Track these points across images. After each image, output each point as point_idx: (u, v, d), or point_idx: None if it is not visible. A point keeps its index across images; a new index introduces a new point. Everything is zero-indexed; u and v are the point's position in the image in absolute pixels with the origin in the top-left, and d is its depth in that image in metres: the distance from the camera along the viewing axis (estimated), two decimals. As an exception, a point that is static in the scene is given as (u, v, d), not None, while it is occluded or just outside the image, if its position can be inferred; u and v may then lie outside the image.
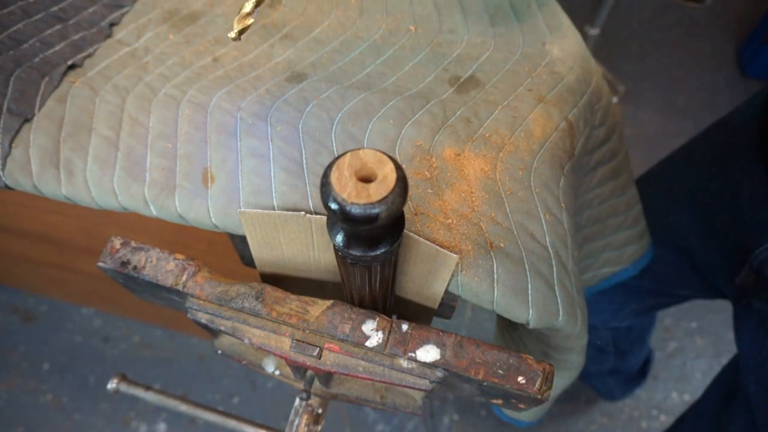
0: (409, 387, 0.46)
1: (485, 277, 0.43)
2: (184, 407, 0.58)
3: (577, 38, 0.60)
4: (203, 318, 0.48)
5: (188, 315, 0.49)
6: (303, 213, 0.46)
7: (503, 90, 0.54)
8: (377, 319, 0.44)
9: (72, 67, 0.55)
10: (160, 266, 0.49)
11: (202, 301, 0.48)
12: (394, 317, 0.47)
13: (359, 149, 0.30)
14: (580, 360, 0.71)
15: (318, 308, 0.45)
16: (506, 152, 0.49)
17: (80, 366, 1.33)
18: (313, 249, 0.47)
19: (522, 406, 0.48)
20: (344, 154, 0.33)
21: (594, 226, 0.67)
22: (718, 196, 0.70)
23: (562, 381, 0.75)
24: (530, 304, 0.44)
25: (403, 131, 0.50)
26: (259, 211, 0.46)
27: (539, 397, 0.43)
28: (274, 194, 0.47)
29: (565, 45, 0.58)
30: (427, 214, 0.45)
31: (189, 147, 0.50)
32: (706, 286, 0.83)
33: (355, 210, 0.31)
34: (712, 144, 0.75)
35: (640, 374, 1.23)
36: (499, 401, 0.48)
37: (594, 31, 1.51)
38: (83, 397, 1.30)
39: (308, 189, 0.47)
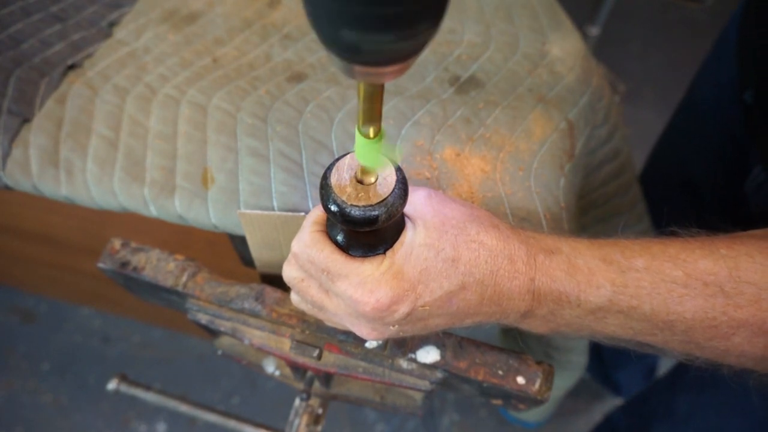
0: (409, 388, 0.46)
1: (485, 278, 0.43)
2: (184, 407, 0.58)
3: (577, 38, 0.59)
4: (203, 319, 0.48)
5: (188, 316, 0.49)
6: (303, 214, 0.45)
7: (503, 90, 0.54)
8: (377, 319, 0.44)
9: (72, 67, 0.55)
10: (160, 267, 0.49)
11: (202, 302, 0.48)
12: (394, 318, 0.47)
13: (359, 150, 0.30)
14: (582, 360, 0.71)
15: (318, 309, 0.45)
16: (506, 152, 0.49)
17: (80, 366, 1.33)
18: (313, 249, 0.47)
19: (522, 406, 0.48)
20: (344, 155, 0.33)
21: (598, 226, 0.67)
22: (718, 129, 0.70)
23: (564, 381, 0.74)
24: (530, 304, 0.44)
25: (403, 131, 0.50)
26: (259, 212, 0.46)
27: (539, 397, 0.43)
28: (273, 194, 0.47)
29: (565, 45, 0.58)
30: (427, 215, 0.45)
31: (189, 147, 0.50)
32: None
33: (355, 212, 0.30)
34: (708, 84, 0.75)
35: (652, 370, 1.24)
36: (499, 401, 0.48)
37: (594, 31, 1.51)
38: (83, 397, 1.29)
39: (308, 189, 0.47)
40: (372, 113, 0.26)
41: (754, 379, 0.36)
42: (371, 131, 0.27)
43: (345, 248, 0.34)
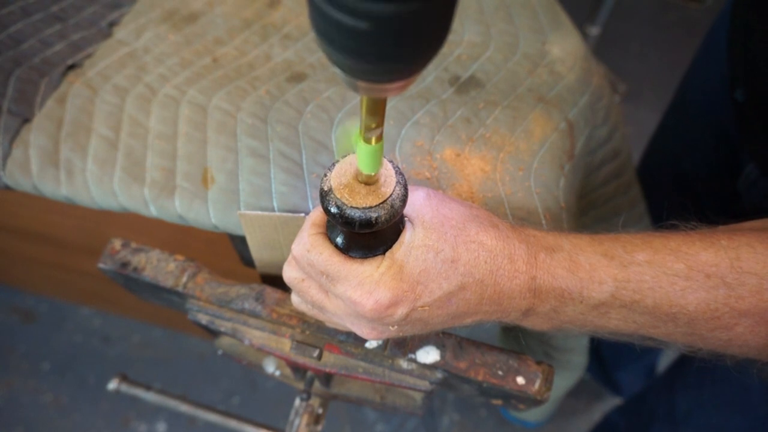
0: (409, 388, 0.46)
1: (485, 278, 0.43)
2: (184, 407, 0.58)
3: (578, 38, 0.59)
4: (203, 319, 0.48)
5: (188, 316, 0.49)
6: (303, 214, 0.45)
7: (503, 90, 0.54)
8: (377, 320, 0.44)
9: (72, 67, 0.55)
10: (161, 267, 0.49)
11: (202, 303, 0.48)
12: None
13: (359, 150, 0.30)
14: (582, 360, 0.71)
15: (318, 309, 0.45)
16: (506, 152, 0.49)
17: (80, 366, 1.33)
18: (313, 250, 0.47)
19: (522, 406, 0.48)
20: (344, 156, 0.33)
21: (598, 226, 0.67)
22: (709, 128, 0.70)
23: (565, 381, 0.74)
24: (530, 304, 0.44)
25: (403, 131, 0.50)
26: (259, 213, 0.46)
27: (539, 398, 0.43)
28: (273, 195, 0.47)
29: (565, 45, 0.58)
30: (428, 215, 0.45)
31: (189, 147, 0.50)
32: None
33: (355, 214, 0.30)
34: (700, 83, 0.75)
35: (652, 370, 1.24)
36: (499, 401, 0.48)
37: (595, 31, 1.51)
38: (83, 397, 1.29)
39: (308, 190, 0.47)
40: (374, 123, 0.27)
41: (758, 368, 0.36)
42: (373, 139, 0.28)
43: (345, 250, 0.34)
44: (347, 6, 0.18)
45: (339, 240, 0.34)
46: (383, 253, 0.34)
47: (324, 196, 0.31)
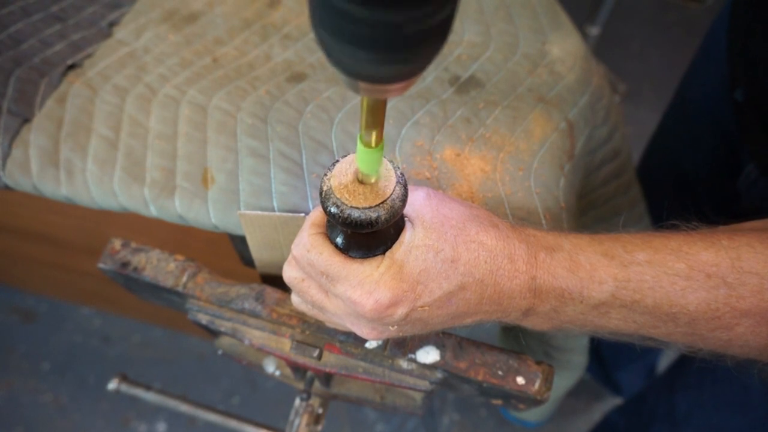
0: (409, 388, 0.46)
1: (485, 278, 0.43)
2: (184, 407, 0.58)
3: (577, 38, 0.59)
4: (203, 319, 0.48)
5: (188, 316, 0.49)
6: (303, 214, 0.45)
7: (503, 90, 0.54)
8: (377, 319, 0.44)
9: (72, 67, 0.55)
10: (161, 267, 0.49)
11: (202, 303, 0.48)
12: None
13: (359, 150, 0.30)
14: (582, 360, 0.71)
15: (318, 309, 0.45)
16: (506, 152, 0.49)
17: (80, 366, 1.33)
18: (313, 250, 0.47)
19: (522, 406, 0.48)
20: (344, 156, 0.33)
21: (598, 226, 0.67)
22: (709, 128, 0.70)
23: (565, 381, 0.74)
24: (530, 304, 0.44)
25: (403, 131, 0.50)
26: (259, 213, 0.46)
27: (538, 398, 0.43)
28: (273, 195, 0.47)
29: (565, 45, 0.58)
30: (428, 215, 0.45)
31: (189, 147, 0.50)
32: None
33: (355, 214, 0.30)
34: (699, 82, 0.75)
35: (652, 370, 1.24)
36: (499, 401, 0.48)
37: (595, 31, 1.51)
38: (83, 397, 1.29)
39: (308, 190, 0.47)
40: (374, 124, 0.27)
41: (759, 369, 0.36)
42: (373, 140, 0.28)
43: (345, 250, 0.34)
44: (348, 8, 0.18)
45: (339, 240, 0.34)
46: (383, 253, 0.34)
47: (324, 196, 0.31)
